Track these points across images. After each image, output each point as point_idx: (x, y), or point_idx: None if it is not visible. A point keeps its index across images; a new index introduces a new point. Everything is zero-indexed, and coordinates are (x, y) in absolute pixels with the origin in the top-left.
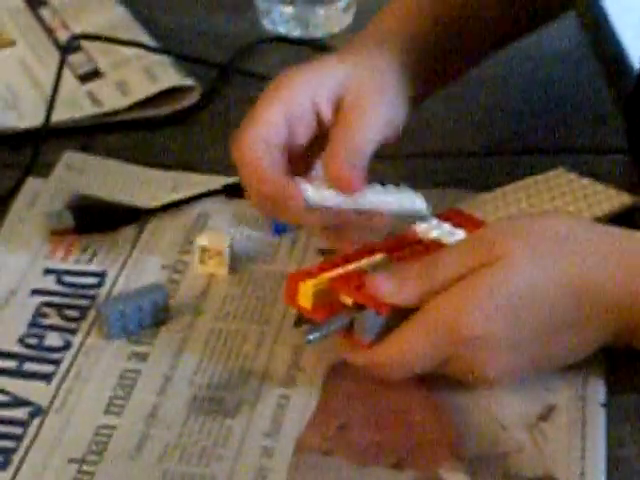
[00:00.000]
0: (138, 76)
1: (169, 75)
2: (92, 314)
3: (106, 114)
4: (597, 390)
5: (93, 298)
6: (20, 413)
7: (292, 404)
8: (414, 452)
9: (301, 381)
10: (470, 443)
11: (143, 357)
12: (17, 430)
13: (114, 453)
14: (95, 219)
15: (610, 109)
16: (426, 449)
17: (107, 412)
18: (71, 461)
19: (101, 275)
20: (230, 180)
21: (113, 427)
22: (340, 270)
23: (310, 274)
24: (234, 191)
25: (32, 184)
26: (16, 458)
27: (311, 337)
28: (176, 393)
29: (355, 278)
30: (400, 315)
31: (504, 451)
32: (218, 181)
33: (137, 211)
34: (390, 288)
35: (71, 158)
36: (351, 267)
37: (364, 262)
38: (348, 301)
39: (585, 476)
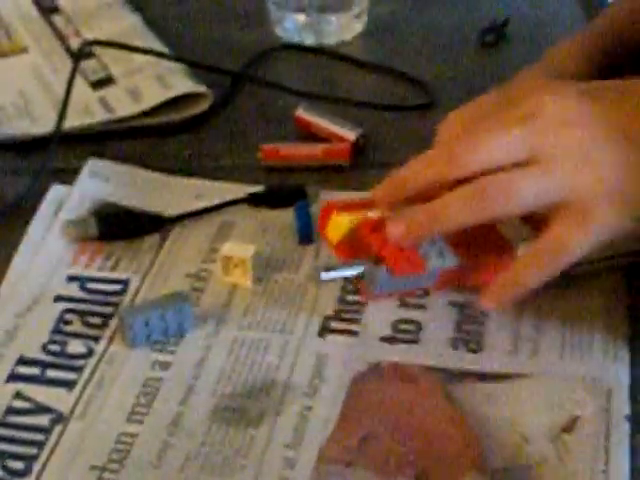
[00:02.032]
0: (150, 83)
1: (181, 82)
2: (115, 321)
3: (118, 121)
4: (621, 402)
5: (116, 305)
6: (42, 420)
7: (315, 415)
8: (437, 464)
9: (324, 392)
10: (493, 455)
11: (166, 366)
12: (39, 437)
13: (136, 461)
14: (119, 226)
15: None
16: (449, 461)
17: (129, 420)
18: (92, 468)
19: (124, 282)
20: (255, 189)
21: (135, 435)
22: (377, 212)
23: (347, 207)
24: (259, 200)
25: (56, 191)
26: (37, 465)
27: (324, 276)
28: (199, 402)
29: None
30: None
31: (528, 463)
32: (242, 189)
33: (161, 219)
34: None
35: (95, 165)
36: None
37: None
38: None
39: None
